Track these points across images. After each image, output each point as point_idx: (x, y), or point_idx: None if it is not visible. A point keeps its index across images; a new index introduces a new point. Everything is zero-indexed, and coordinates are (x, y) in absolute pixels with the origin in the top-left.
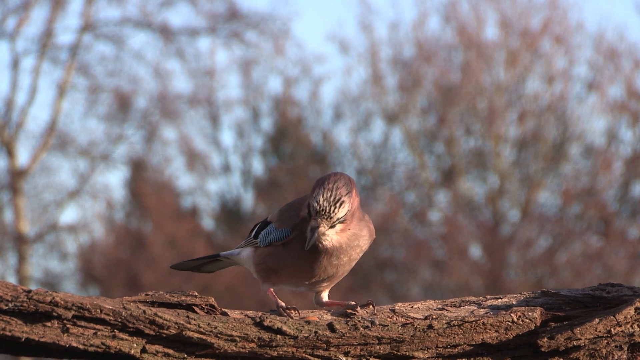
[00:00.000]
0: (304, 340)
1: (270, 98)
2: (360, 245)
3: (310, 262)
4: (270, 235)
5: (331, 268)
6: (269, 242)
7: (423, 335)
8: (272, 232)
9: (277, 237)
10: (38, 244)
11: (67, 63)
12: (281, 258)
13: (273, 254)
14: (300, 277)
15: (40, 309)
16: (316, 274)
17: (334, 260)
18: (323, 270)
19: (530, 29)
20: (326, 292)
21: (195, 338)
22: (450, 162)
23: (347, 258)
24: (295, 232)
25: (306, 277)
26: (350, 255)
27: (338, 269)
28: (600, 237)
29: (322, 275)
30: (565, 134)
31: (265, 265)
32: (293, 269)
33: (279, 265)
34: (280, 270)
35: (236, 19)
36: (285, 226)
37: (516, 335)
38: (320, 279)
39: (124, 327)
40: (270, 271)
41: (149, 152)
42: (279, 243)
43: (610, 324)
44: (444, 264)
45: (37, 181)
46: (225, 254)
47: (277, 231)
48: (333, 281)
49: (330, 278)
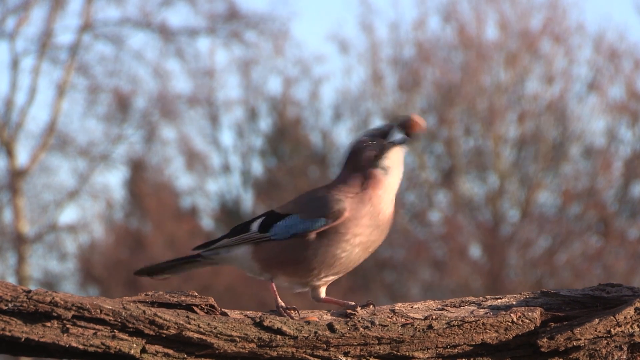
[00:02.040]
0: (304, 341)
1: (270, 98)
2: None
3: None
4: (297, 226)
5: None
6: (293, 234)
7: (423, 335)
8: (299, 223)
9: (309, 227)
10: (37, 244)
11: (67, 63)
12: (307, 248)
13: (295, 247)
14: (322, 268)
15: (40, 309)
16: (345, 262)
17: (374, 236)
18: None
19: (530, 30)
20: (324, 288)
21: (195, 338)
22: (450, 162)
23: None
24: (335, 221)
25: (330, 267)
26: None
27: (361, 258)
28: (600, 238)
29: (348, 262)
30: (565, 134)
31: (283, 259)
32: (320, 259)
33: (302, 257)
34: (300, 264)
35: (235, 19)
36: (318, 215)
37: (516, 336)
38: (338, 270)
39: (124, 327)
40: (286, 265)
41: (148, 152)
42: (311, 233)
43: (610, 324)
44: (444, 264)
45: (37, 181)
46: (208, 254)
47: (308, 221)
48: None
49: (345, 270)
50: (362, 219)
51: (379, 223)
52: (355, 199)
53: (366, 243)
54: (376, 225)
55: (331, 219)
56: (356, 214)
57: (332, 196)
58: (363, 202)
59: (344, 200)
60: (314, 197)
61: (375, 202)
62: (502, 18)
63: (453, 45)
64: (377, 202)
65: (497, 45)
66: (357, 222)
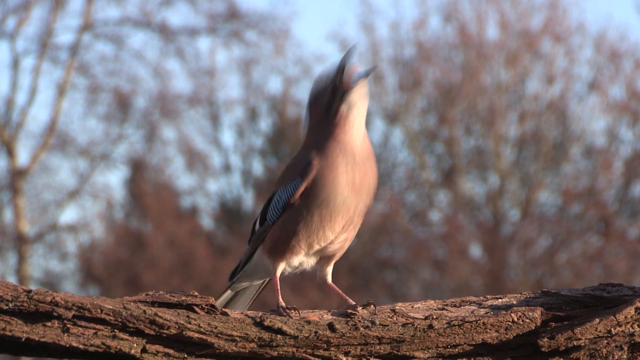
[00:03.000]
0: (304, 340)
1: (270, 98)
2: (373, 184)
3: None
4: (281, 198)
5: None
6: (282, 206)
7: (423, 335)
8: (283, 192)
9: (290, 192)
10: (38, 243)
11: (67, 63)
12: (300, 212)
13: (290, 218)
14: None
15: (41, 308)
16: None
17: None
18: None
19: (530, 29)
20: (331, 268)
21: (195, 338)
22: (450, 162)
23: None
24: (307, 175)
25: (330, 219)
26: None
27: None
28: (600, 237)
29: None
30: (566, 134)
31: (283, 238)
32: (317, 216)
33: (300, 223)
34: (299, 233)
35: (236, 19)
36: (294, 178)
37: (516, 335)
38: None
39: (124, 327)
40: (289, 240)
41: (148, 152)
42: (295, 196)
43: (611, 324)
44: (444, 264)
45: (37, 181)
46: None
47: (288, 187)
48: (349, 234)
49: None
50: (335, 159)
51: (355, 159)
52: (323, 145)
53: (353, 182)
54: (353, 162)
55: (305, 175)
56: (327, 159)
57: (299, 154)
58: (331, 145)
59: (310, 152)
60: (286, 167)
61: (342, 139)
62: (502, 18)
63: (454, 44)
64: (346, 140)
65: (497, 45)
66: (331, 166)
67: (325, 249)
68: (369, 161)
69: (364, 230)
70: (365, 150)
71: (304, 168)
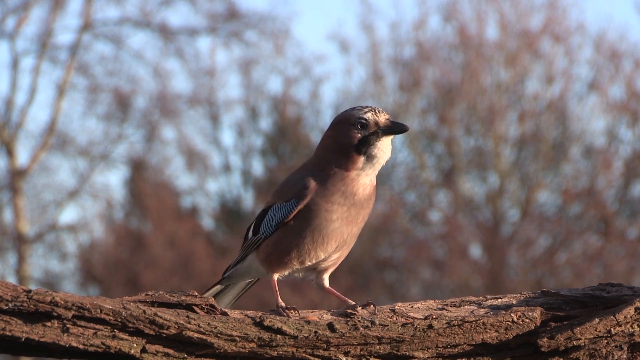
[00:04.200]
0: (304, 340)
1: (270, 98)
2: (367, 215)
3: (327, 222)
4: (276, 215)
5: (347, 226)
6: (276, 223)
7: (423, 335)
8: (278, 210)
9: (285, 212)
10: (38, 243)
11: (67, 63)
12: (293, 233)
13: (283, 236)
14: (317, 247)
15: (40, 308)
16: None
17: (353, 212)
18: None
19: (530, 29)
20: (327, 275)
21: (195, 338)
22: (450, 162)
23: (362, 217)
24: (302, 200)
25: (321, 244)
26: (365, 213)
27: (352, 231)
28: (600, 237)
29: (337, 238)
30: (566, 134)
31: (277, 252)
32: (309, 239)
33: (293, 243)
34: (292, 250)
35: (236, 19)
36: (290, 198)
37: (516, 335)
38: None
39: (124, 327)
40: (282, 256)
41: (148, 152)
42: (289, 217)
43: (610, 323)
44: (444, 264)
45: (37, 181)
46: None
47: (283, 207)
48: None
49: (342, 245)
50: (333, 196)
51: (354, 201)
52: (326, 177)
53: (347, 217)
54: (351, 204)
55: (301, 199)
56: (325, 191)
57: (300, 176)
58: (334, 181)
59: (309, 179)
60: (286, 181)
61: (348, 181)
62: (502, 18)
63: (453, 45)
64: (351, 182)
65: (497, 45)
66: (327, 199)
67: (318, 264)
68: (367, 201)
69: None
70: (368, 193)
71: (300, 191)
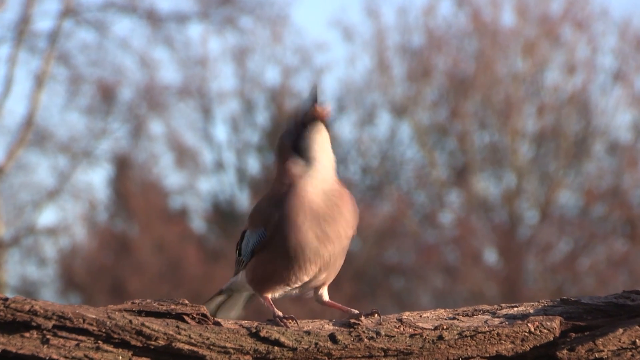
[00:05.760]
0: (304, 353)
1: (268, 89)
2: (347, 228)
3: (300, 246)
4: (249, 243)
5: (326, 245)
6: (251, 250)
7: (432, 346)
8: (250, 238)
9: (256, 240)
10: (14, 248)
11: (46, 52)
12: (269, 261)
13: (259, 263)
14: (296, 272)
15: (19, 318)
16: (309, 260)
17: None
18: (315, 252)
19: (549, 15)
20: (325, 289)
21: (185, 350)
22: (463, 159)
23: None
24: (270, 227)
25: (303, 267)
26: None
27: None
28: (625, 241)
29: (317, 261)
30: (588, 128)
31: (258, 278)
32: (286, 266)
33: (270, 270)
34: (273, 276)
35: (230, 4)
36: (258, 226)
37: (533, 347)
38: (317, 269)
39: (109, 338)
40: (265, 281)
41: (134, 148)
42: (259, 246)
43: (635, 334)
44: (456, 270)
45: (13, 180)
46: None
47: (254, 234)
48: (330, 272)
49: (326, 266)
50: (297, 217)
51: (319, 215)
52: (284, 198)
53: (321, 236)
54: (318, 219)
55: (268, 228)
56: (287, 211)
57: (263, 203)
58: (291, 199)
59: (270, 205)
60: (255, 207)
61: (302, 195)
62: (519, 2)
63: (466, 32)
64: (305, 195)
65: (514, 32)
66: (292, 220)
67: (307, 285)
68: (338, 207)
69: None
70: (333, 202)
71: (266, 219)
